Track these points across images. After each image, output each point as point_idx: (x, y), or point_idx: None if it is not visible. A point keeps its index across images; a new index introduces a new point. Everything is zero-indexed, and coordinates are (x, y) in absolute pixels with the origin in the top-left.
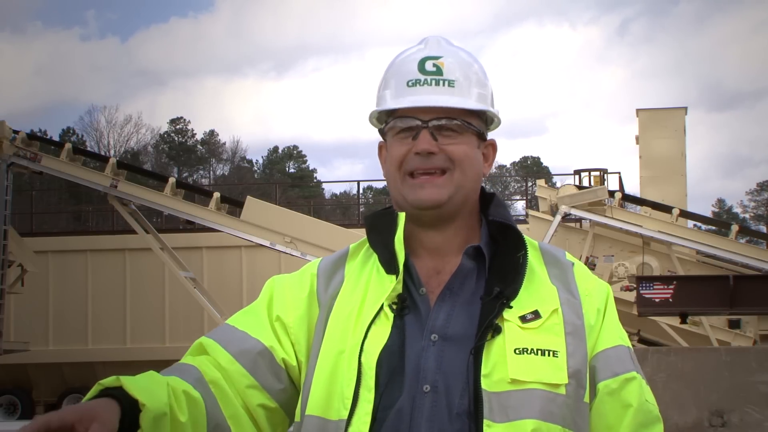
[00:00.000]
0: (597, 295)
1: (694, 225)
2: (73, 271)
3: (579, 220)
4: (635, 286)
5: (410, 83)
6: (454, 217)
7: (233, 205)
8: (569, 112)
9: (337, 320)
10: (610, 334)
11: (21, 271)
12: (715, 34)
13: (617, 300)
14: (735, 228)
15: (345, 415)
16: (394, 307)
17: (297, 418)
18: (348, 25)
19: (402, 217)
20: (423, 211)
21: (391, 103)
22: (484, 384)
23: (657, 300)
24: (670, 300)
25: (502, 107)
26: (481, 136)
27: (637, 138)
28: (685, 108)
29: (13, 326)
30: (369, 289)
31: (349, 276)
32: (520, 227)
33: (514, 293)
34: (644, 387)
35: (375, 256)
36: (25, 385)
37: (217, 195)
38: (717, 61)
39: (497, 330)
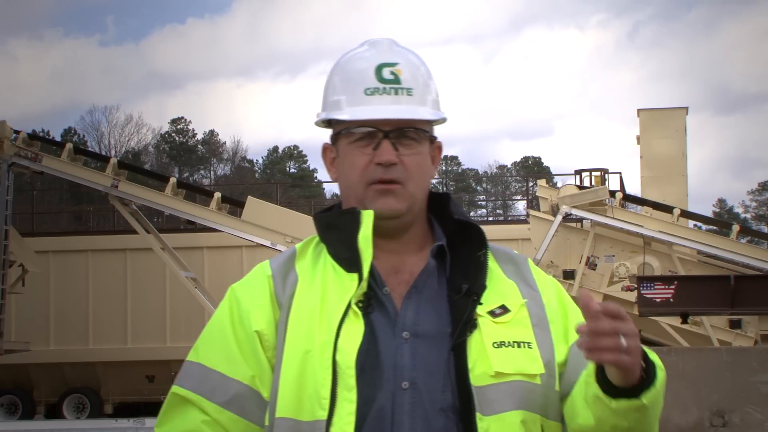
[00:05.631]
0: (551, 287)
1: (695, 225)
2: (74, 271)
3: (580, 220)
4: (636, 286)
5: (368, 91)
6: (410, 225)
7: (234, 205)
8: (576, 114)
9: (298, 320)
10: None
11: (22, 271)
12: (725, 38)
13: (619, 300)
14: (736, 228)
15: (323, 415)
16: (361, 305)
17: (266, 422)
18: (361, 29)
19: (367, 215)
20: (382, 221)
21: (351, 112)
22: (471, 379)
23: (658, 300)
24: (671, 300)
25: (511, 109)
26: (432, 140)
27: (638, 138)
28: (686, 108)
29: (14, 326)
30: (327, 287)
31: (302, 275)
32: (521, 227)
33: (481, 289)
34: None
35: (326, 255)
36: (26, 385)
37: (218, 195)
38: (725, 63)
39: (473, 325)
